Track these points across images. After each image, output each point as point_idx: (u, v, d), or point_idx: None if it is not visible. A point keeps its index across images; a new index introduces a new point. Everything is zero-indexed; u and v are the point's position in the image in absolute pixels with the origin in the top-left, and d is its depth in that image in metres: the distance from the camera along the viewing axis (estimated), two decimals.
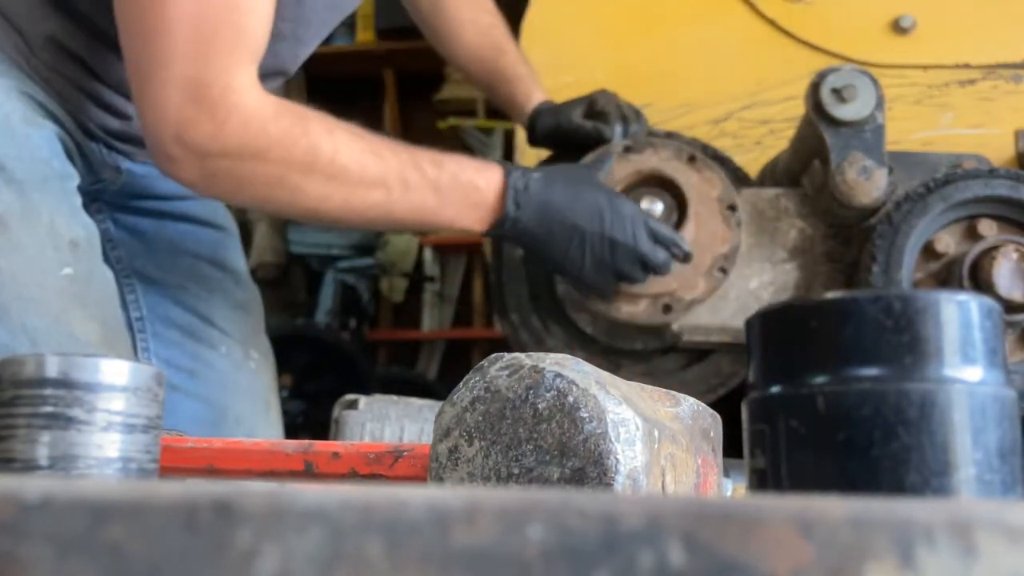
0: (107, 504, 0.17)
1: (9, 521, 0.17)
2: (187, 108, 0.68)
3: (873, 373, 0.23)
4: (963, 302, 0.24)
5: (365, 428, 0.67)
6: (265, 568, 0.17)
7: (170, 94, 0.68)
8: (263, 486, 0.20)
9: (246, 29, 0.69)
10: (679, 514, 0.17)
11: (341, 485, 0.49)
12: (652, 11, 1.10)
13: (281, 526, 0.17)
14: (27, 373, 0.22)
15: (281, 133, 0.70)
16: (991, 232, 0.76)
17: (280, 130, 0.70)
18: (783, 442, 0.24)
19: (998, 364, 0.24)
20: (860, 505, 0.17)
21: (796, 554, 0.17)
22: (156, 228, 0.96)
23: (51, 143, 0.78)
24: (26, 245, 0.73)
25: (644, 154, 0.85)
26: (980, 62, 1.02)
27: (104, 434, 0.22)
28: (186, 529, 0.17)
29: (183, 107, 0.68)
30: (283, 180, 0.71)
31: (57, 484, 0.18)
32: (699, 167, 0.84)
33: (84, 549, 0.17)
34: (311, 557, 0.17)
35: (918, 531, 0.17)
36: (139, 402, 0.22)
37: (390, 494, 0.17)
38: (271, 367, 1.03)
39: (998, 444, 0.23)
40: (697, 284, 0.80)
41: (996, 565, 0.17)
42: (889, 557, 0.17)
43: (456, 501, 0.17)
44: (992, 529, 0.17)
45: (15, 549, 0.17)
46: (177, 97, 0.68)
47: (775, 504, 0.17)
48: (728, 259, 0.80)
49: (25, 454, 0.22)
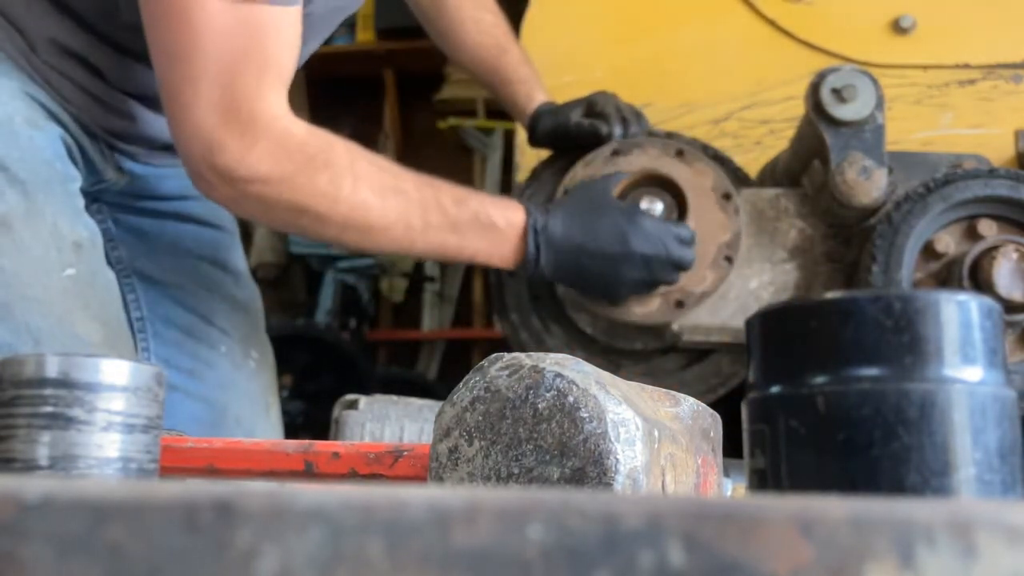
0: (107, 504, 0.17)
1: (9, 521, 0.17)
2: (216, 131, 0.69)
3: (873, 373, 0.23)
4: (963, 302, 0.24)
5: (365, 428, 0.67)
6: (265, 568, 0.17)
7: (200, 117, 0.69)
8: (263, 486, 0.20)
9: (275, 54, 0.70)
10: (679, 514, 0.17)
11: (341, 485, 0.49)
12: (652, 11, 1.10)
13: (281, 526, 0.17)
14: (28, 373, 0.22)
15: (306, 160, 0.71)
16: (991, 232, 0.76)
17: (305, 157, 0.71)
18: (783, 442, 0.24)
19: (998, 364, 0.24)
20: (860, 505, 0.17)
21: (796, 554, 0.17)
22: (157, 228, 0.96)
23: (54, 144, 0.78)
24: (30, 246, 0.74)
25: (632, 155, 0.84)
26: (980, 62, 1.02)
27: (104, 434, 0.22)
28: (186, 529, 0.17)
29: (213, 131, 0.69)
30: (307, 208, 0.72)
31: (57, 484, 0.18)
32: (689, 160, 0.84)
33: (84, 549, 0.17)
34: (311, 557, 0.17)
35: (918, 531, 0.17)
36: (139, 402, 0.22)
37: (390, 494, 0.17)
38: (271, 367, 1.03)
39: (998, 444, 0.23)
40: (705, 276, 0.80)
41: (996, 565, 0.17)
42: (889, 557, 0.17)
43: (456, 501, 0.17)
44: (992, 529, 0.17)
45: (15, 549, 0.17)
46: (207, 120, 0.69)
47: (775, 504, 0.17)
48: (732, 247, 0.80)
49: (25, 454, 0.22)
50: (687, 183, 0.80)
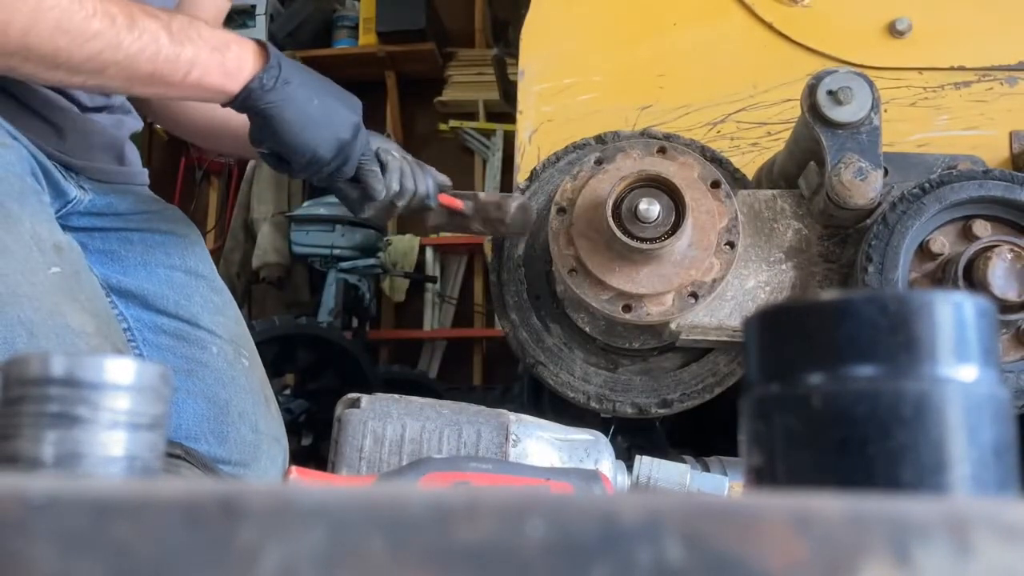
0: (111, 502, 0.17)
1: (14, 519, 0.17)
2: None
3: (868, 372, 0.23)
4: (958, 302, 0.24)
5: (367, 426, 0.68)
6: (268, 566, 0.17)
7: None
8: (266, 484, 0.20)
9: None
10: (677, 511, 0.17)
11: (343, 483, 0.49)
12: (651, 14, 1.10)
13: (284, 524, 0.17)
14: (32, 372, 0.22)
15: None
16: (986, 233, 0.76)
17: None
18: (779, 440, 0.24)
19: (993, 364, 0.25)
20: (856, 503, 0.18)
21: (792, 551, 0.17)
22: (125, 244, 0.97)
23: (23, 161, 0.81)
24: (12, 249, 0.74)
25: (617, 161, 0.84)
26: (975, 64, 1.03)
27: (109, 432, 0.22)
28: (190, 527, 0.17)
29: None
30: None
31: (62, 483, 0.18)
32: (671, 155, 0.83)
33: (89, 547, 0.17)
34: (314, 555, 0.17)
35: (913, 528, 0.18)
36: (144, 400, 0.22)
37: (392, 492, 0.18)
38: (261, 365, 1.05)
39: (993, 443, 0.23)
40: (713, 265, 0.80)
41: (991, 562, 0.18)
42: (884, 554, 0.17)
43: (457, 499, 0.17)
44: (987, 527, 0.18)
45: (20, 547, 0.17)
46: None
47: (771, 502, 0.18)
48: (732, 231, 0.80)
49: (30, 453, 0.22)
50: (677, 178, 0.80)
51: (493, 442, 0.68)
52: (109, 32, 0.70)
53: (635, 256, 0.78)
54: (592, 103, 1.08)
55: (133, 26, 0.71)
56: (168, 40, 0.73)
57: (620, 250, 0.78)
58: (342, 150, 0.81)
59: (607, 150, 0.86)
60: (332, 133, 0.79)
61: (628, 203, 0.79)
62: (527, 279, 0.91)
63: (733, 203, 0.81)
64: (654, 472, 0.71)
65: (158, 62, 0.73)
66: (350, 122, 0.81)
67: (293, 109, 0.77)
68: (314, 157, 0.79)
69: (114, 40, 0.70)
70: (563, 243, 0.81)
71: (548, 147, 1.01)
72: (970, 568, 0.17)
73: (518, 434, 0.69)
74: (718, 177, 0.82)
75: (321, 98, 0.80)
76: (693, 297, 0.79)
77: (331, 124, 0.79)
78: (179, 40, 0.73)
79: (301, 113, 0.78)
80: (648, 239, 0.77)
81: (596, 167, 0.84)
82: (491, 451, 0.67)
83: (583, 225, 0.80)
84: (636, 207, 0.78)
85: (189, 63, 0.74)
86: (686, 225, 0.77)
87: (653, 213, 0.78)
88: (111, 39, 0.70)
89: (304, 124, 0.78)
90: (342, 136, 0.80)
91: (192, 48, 0.74)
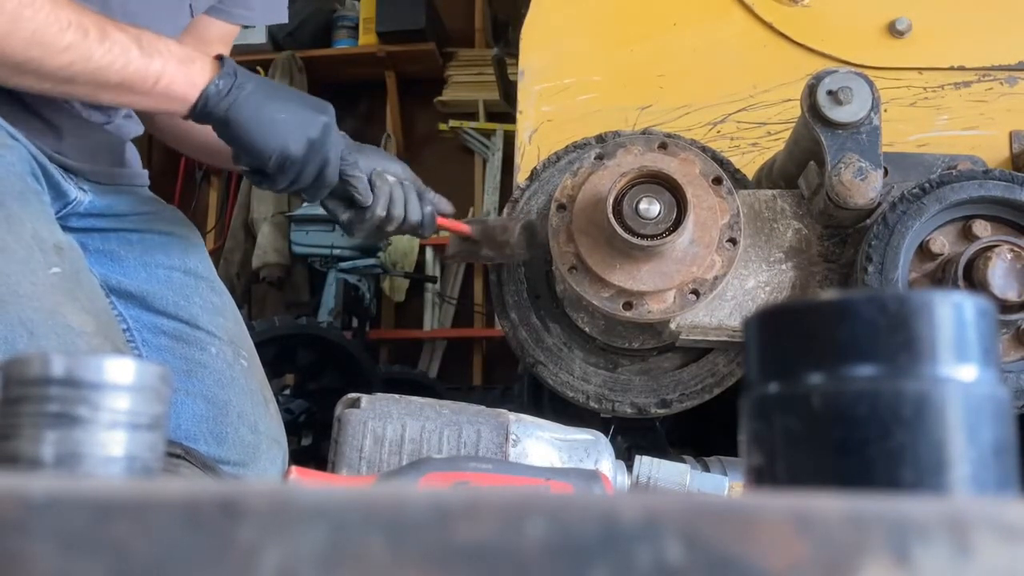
0: (111, 502, 0.17)
1: (15, 519, 0.17)
2: None
3: (868, 372, 0.23)
4: (958, 302, 0.24)
5: (367, 426, 0.68)
6: (268, 565, 0.17)
7: None
8: (266, 484, 0.20)
9: None
10: (677, 511, 0.17)
11: (343, 483, 0.49)
12: (651, 14, 1.10)
13: (284, 524, 0.17)
14: (33, 372, 0.22)
15: None
16: (986, 233, 0.76)
17: None
18: (779, 440, 0.24)
19: (992, 364, 0.25)
20: (856, 503, 0.18)
21: (792, 551, 0.17)
22: (124, 244, 0.98)
23: (23, 162, 0.81)
24: (13, 249, 0.75)
25: (618, 156, 0.84)
26: (975, 65, 1.03)
27: (109, 432, 0.22)
28: (190, 527, 0.17)
29: None
30: None
31: (62, 482, 0.18)
32: (673, 151, 0.83)
33: (88, 547, 0.17)
34: (314, 554, 0.17)
35: (913, 528, 0.18)
36: (144, 400, 0.22)
37: (391, 492, 0.18)
38: (260, 365, 1.05)
39: (992, 443, 0.23)
40: (714, 262, 0.79)
41: (990, 562, 0.18)
42: (884, 554, 0.17)
43: (456, 499, 0.17)
44: (986, 527, 0.18)
45: (21, 547, 0.17)
46: None
47: (772, 502, 0.18)
48: (733, 228, 0.80)
49: (30, 453, 0.22)
50: (678, 174, 0.80)
51: (493, 442, 0.68)
52: (82, 45, 0.74)
53: (636, 253, 0.77)
54: (592, 103, 1.08)
55: (104, 38, 0.75)
56: (139, 52, 0.77)
57: (621, 247, 0.77)
58: (314, 148, 0.81)
59: (607, 146, 0.85)
60: (302, 132, 0.80)
61: (629, 199, 0.79)
62: (527, 278, 0.91)
63: (735, 199, 0.80)
64: (654, 472, 0.71)
65: (127, 73, 0.77)
66: (319, 121, 0.82)
67: (250, 109, 0.79)
68: (284, 156, 0.80)
69: (86, 52, 0.74)
70: (563, 240, 0.81)
71: (548, 147, 1.01)
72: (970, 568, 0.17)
73: (518, 434, 0.69)
74: (720, 173, 0.81)
75: (281, 101, 0.82)
76: (694, 294, 0.79)
77: (299, 123, 0.81)
78: (148, 52, 0.77)
79: (259, 112, 0.80)
80: (649, 236, 0.76)
81: (597, 163, 0.84)
82: (491, 451, 0.67)
83: (583, 222, 0.80)
84: (637, 204, 0.77)
85: (157, 73, 0.78)
86: (688, 222, 0.77)
87: (654, 210, 0.78)
88: (83, 51, 0.74)
89: (265, 124, 0.80)
90: (311, 135, 0.81)
91: (160, 60, 0.78)
